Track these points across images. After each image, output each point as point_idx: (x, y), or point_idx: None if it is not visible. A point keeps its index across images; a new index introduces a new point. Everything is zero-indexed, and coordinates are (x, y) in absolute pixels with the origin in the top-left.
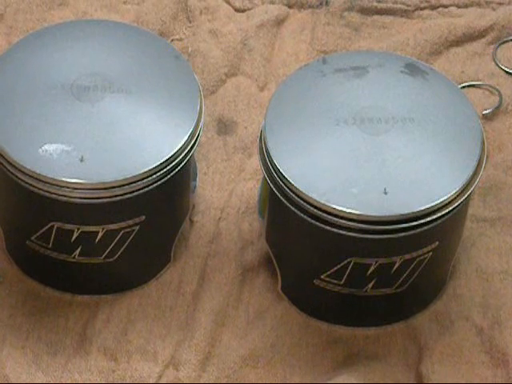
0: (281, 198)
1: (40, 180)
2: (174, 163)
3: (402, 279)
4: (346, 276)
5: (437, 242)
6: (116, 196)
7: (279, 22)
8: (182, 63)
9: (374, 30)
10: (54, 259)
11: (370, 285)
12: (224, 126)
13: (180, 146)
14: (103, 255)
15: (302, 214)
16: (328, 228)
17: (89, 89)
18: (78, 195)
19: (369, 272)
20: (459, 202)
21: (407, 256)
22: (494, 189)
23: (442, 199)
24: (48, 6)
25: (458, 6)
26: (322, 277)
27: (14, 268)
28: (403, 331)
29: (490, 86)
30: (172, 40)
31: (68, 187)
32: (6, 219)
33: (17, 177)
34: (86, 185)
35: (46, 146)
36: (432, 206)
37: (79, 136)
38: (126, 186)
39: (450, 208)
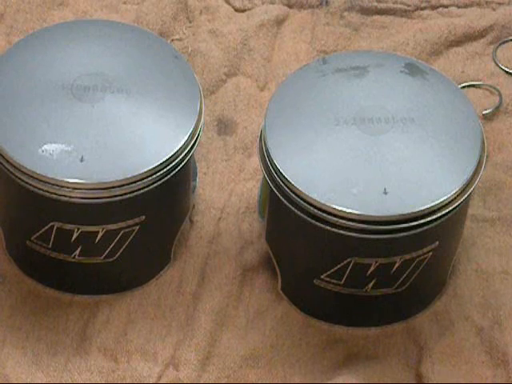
0: (281, 197)
1: (40, 180)
2: (174, 163)
3: (402, 279)
4: (346, 276)
5: (437, 242)
6: (116, 196)
7: (279, 21)
8: (181, 63)
9: (374, 30)
10: (54, 259)
11: (370, 285)
12: (224, 126)
13: (180, 145)
14: (103, 255)
15: (301, 214)
16: (328, 228)
17: (89, 89)
18: (78, 195)
19: (369, 272)
20: (459, 201)
21: (407, 256)
22: (494, 189)
23: (442, 199)
24: (48, 5)
25: (458, 6)
26: (322, 277)
27: (14, 268)
28: (403, 331)
29: (489, 86)
30: (172, 40)
31: (68, 187)
32: (6, 219)
33: (17, 177)
34: (85, 185)
35: (46, 146)
36: (432, 206)
37: (79, 136)
38: (126, 186)
39: (450, 208)
